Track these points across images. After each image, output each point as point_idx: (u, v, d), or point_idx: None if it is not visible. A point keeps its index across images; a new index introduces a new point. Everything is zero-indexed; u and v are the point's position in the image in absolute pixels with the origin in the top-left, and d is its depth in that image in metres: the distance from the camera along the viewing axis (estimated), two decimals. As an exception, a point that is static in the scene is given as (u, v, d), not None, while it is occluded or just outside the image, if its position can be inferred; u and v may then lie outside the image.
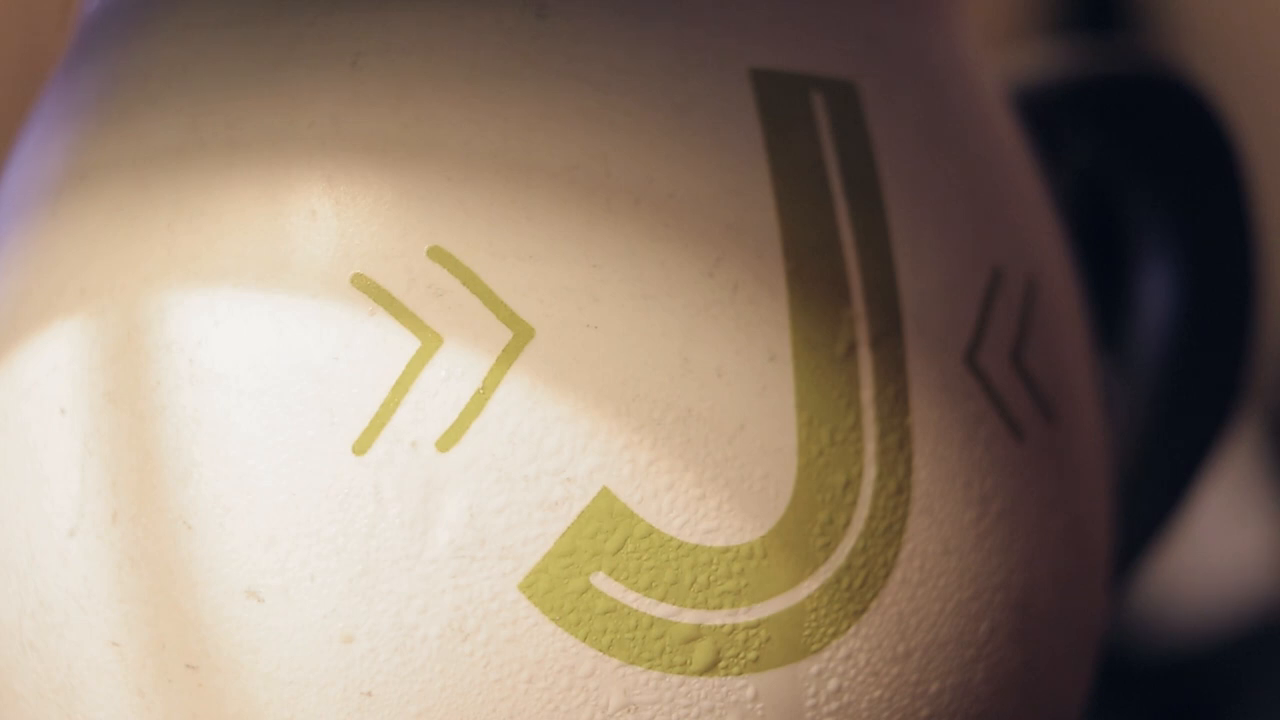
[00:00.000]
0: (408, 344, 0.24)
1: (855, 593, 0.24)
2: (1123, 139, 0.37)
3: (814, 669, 0.24)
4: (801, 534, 0.24)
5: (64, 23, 0.30)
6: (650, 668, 0.24)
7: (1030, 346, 0.27)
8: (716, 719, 0.24)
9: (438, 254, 0.24)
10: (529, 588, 0.23)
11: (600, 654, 0.24)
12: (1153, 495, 0.38)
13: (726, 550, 0.24)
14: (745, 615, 0.24)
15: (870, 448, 0.25)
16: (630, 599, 0.24)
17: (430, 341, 0.24)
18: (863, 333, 0.25)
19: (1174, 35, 0.61)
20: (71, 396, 0.25)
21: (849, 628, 0.25)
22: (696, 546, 0.24)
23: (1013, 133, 0.30)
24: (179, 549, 0.24)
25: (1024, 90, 0.34)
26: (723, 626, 0.24)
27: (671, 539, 0.24)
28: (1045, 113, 0.35)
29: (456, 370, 0.23)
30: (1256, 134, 0.42)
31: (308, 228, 0.24)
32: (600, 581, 0.23)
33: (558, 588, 0.23)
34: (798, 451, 0.24)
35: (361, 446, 0.23)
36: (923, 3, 0.28)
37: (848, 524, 0.24)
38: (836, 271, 0.25)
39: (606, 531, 0.23)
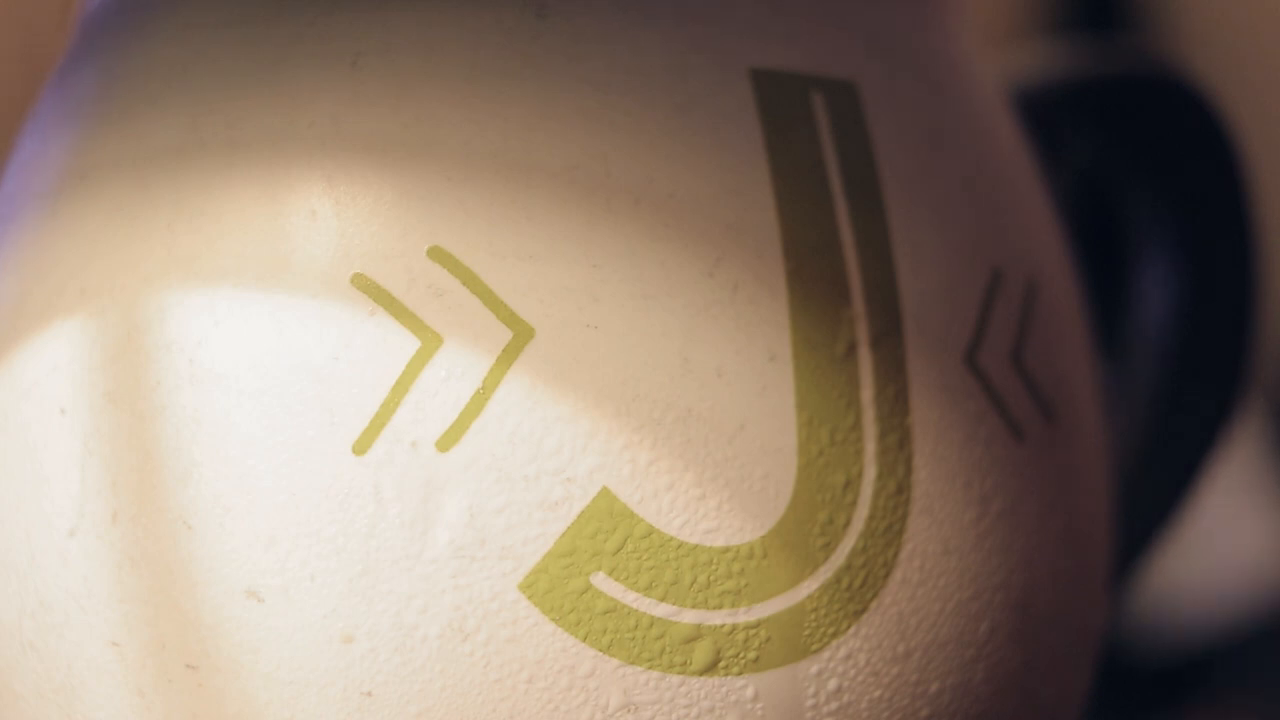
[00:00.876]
0: (408, 344, 0.24)
1: (855, 593, 0.24)
2: (1123, 139, 0.37)
3: (814, 669, 0.24)
4: (801, 534, 0.24)
5: (64, 23, 0.30)
6: (650, 668, 0.24)
7: (1030, 347, 0.27)
8: (716, 719, 0.24)
9: (438, 254, 0.24)
10: (529, 588, 0.23)
11: (600, 654, 0.24)
12: (1153, 495, 0.38)
13: (726, 550, 0.24)
14: (745, 615, 0.24)
15: (870, 448, 0.25)
16: (630, 599, 0.24)
17: (430, 341, 0.24)
18: (863, 333, 0.25)
19: (1174, 35, 0.61)
20: (71, 396, 0.25)
21: (849, 628, 0.25)
22: (696, 546, 0.24)
23: (1013, 133, 0.30)
24: (179, 549, 0.24)
25: (1024, 90, 0.34)
26: (723, 626, 0.24)
27: (671, 539, 0.24)
28: (1045, 113, 0.35)
29: (456, 370, 0.23)
30: (1256, 134, 0.42)
31: (308, 228, 0.24)
32: (600, 581, 0.23)
33: (558, 588, 0.23)
34: (798, 451, 0.24)
35: (361, 446, 0.23)
36: (922, 2, 0.28)
37: (848, 524, 0.24)
38: (836, 271, 0.25)
39: (606, 531, 0.23)
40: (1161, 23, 0.61)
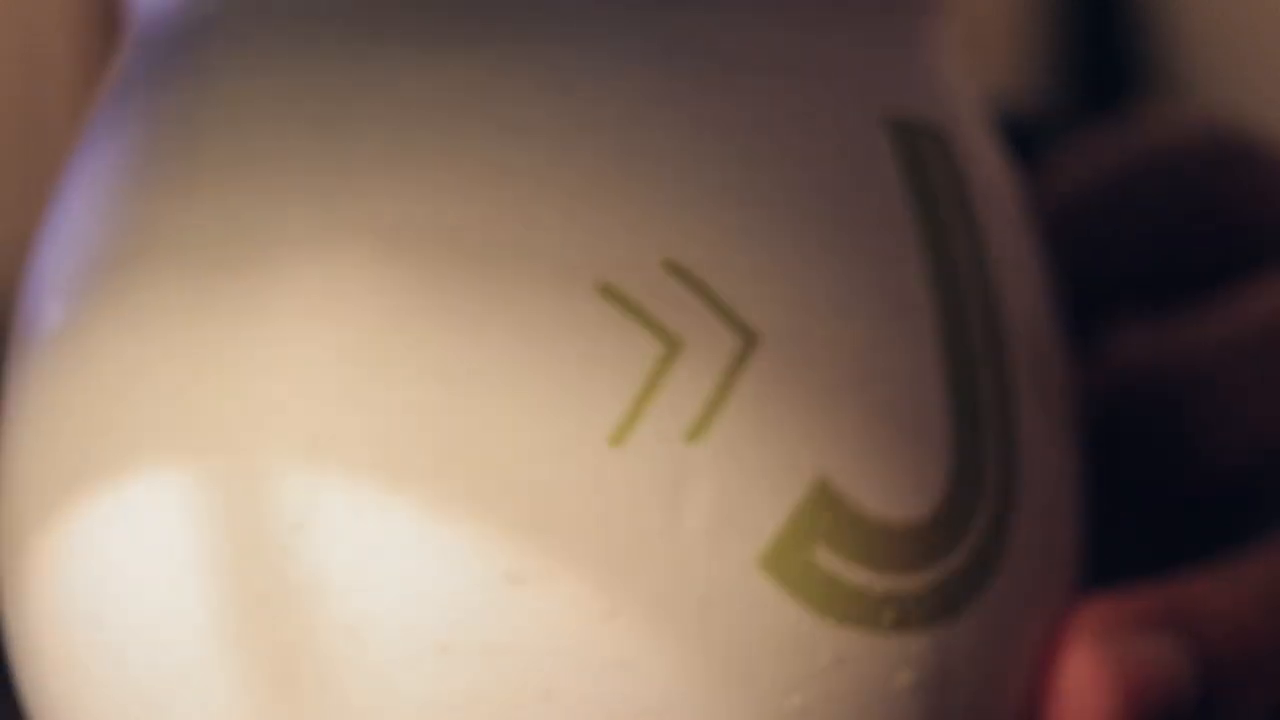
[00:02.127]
0: (653, 348, 0.25)
1: (988, 565, 0.27)
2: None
3: (960, 630, 0.27)
4: (954, 514, 0.27)
5: (64, 23, 0.30)
6: (855, 628, 0.26)
7: None
8: (899, 668, 0.27)
9: (671, 266, 0.25)
10: (765, 564, 0.26)
11: (818, 618, 0.26)
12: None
13: (909, 527, 0.27)
14: (918, 581, 0.27)
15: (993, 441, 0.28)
16: (840, 568, 0.26)
17: (673, 345, 0.25)
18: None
19: (1174, 35, 0.62)
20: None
21: (980, 598, 0.27)
22: (888, 522, 0.26)
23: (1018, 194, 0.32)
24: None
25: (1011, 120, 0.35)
26: (904, 591, 0.27)
27: (871, 516, 0.26)
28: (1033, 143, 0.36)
29: (698, 372, 0.25)
30: (1256, 134, 0.42)
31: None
32: (820, 556, 0.26)
33: (788, 562, 0.26)
34: (955, 443, 0.27)
35: (617, 439, 0.25)
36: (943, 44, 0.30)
37: (980, 508, 0.27)
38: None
39: (825, 511, 0.26)
40: (1161, 23, 0.61)
